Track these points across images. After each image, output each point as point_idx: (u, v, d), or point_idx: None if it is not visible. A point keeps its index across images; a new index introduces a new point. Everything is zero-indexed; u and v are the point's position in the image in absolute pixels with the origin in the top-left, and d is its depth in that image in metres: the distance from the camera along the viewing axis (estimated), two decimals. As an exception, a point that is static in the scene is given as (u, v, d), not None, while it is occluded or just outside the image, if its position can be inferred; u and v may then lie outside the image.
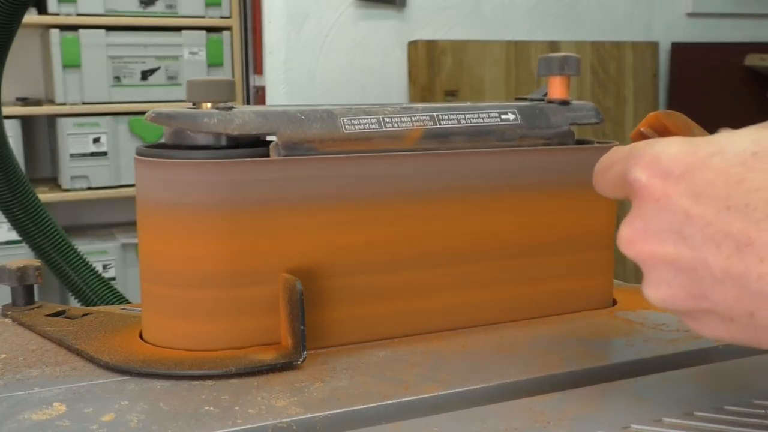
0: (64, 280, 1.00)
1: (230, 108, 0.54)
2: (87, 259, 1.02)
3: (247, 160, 0.52)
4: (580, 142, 0.65)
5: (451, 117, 0.59)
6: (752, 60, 2.30)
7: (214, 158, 0.52)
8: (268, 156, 0.53)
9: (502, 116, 0.61)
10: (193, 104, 0.55)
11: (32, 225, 0.97)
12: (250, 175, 0.52)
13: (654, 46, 2.27)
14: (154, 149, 0.54)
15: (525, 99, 0.67)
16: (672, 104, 2.32)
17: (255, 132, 0.53)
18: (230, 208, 0.52)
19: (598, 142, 0.65)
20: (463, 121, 0.60)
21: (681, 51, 2.31)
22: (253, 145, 0.55)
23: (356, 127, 0.56)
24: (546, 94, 0.65)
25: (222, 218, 0.52)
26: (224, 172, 0.52)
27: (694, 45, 2.31)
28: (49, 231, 0.98)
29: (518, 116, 0.62)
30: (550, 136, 0.63)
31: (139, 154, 0.55)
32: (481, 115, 0.61)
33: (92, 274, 1.00)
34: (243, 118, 0.53)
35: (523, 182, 0.61)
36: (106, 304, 0.96)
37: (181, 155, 0.52)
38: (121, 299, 1.01)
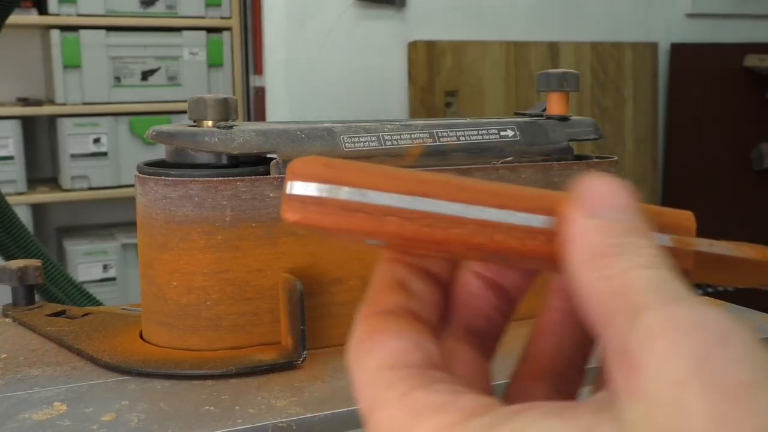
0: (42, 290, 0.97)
1: (231, 126, 0.54)
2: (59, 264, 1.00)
3: (248, 178, 0.53)
4: (578, 157, 0.65)
5: (451, 134, 0.59)
6: (751, 61, 2.30)
7: (215, 176, 0.52)
8: (268, 173, 0.54)
9: (501, 133, 0.62)
10: (195, 122, 0.55)
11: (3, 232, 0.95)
12: (251, 192, 0.52)
13: (654, 46, 2.27)
14: (155, 167, 0.54)
15: (524, 114, 0.67)
16: (672, 104, 2.32)
17: (255, 151, 0.53)
18: (231, 226, 0.52)
19: (596, 157, 0.65)
20: (463, 138, 0.60)
21: (681, 51, 2.31)
22: (255, 162, 0.55)
23: (356, 145, 0.56)
24: (545, 110, 0.65)
25: (223, 235, 0.52)
26: (225, 190, 0.52)
27: (693, 45, 2.32)
28: (18, 235, 0.96)
29: (517, 132, 0.62)
30: (549, 152, 0.63)
31: (140, 171, 0.55)
32: (480, 131, 0.61)
33: (66, 281, 0.99)
34: (243, 137, 0.53)
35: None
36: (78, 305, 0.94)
37: (181, 174, 0.53)
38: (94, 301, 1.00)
